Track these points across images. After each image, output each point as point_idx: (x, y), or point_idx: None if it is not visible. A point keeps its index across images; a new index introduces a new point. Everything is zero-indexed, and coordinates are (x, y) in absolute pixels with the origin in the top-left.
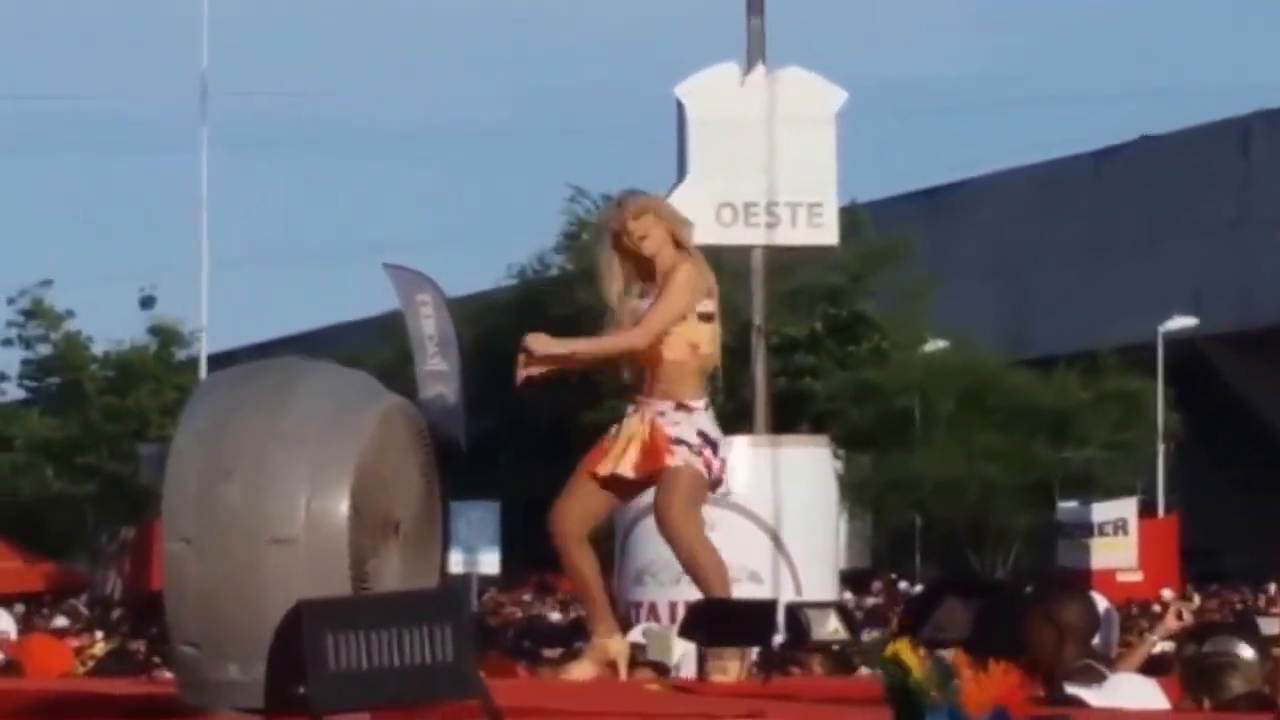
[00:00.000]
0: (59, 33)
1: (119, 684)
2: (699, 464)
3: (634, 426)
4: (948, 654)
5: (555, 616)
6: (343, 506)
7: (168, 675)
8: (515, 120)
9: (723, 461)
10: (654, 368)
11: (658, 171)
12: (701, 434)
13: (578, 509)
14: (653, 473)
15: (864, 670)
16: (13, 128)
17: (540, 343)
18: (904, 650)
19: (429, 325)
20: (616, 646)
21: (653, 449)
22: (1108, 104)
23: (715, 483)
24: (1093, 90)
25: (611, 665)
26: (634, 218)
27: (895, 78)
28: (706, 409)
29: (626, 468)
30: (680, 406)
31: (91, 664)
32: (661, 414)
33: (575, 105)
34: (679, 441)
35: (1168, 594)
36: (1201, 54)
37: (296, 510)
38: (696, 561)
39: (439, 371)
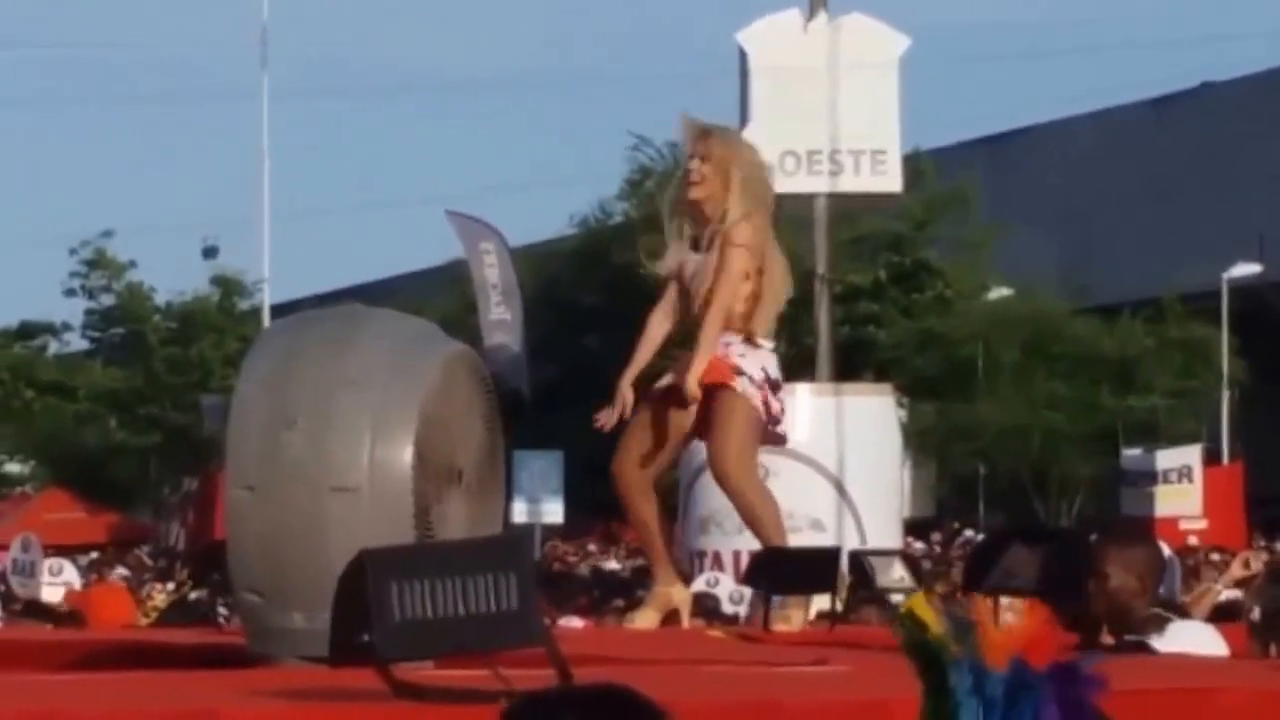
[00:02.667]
0: None
1: (182, 634)
2: (757, 399)
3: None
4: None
5: (618, 566)
6: (406, 454)
7: (231, 625)
8: (578, 67)
9: (783, 405)
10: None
11: (720, 118)
12: (765, 371)
13: (640, 456)
14: (713, 387)
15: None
16: (74, 78)
17: (696, 390)
18: (920, 605)
19: (492, 274)
20: (679, 595)
21: (714, 367)
22: (1169, 50)
23: (774, 421)
24: (1154, 36)
25: (674, 613)
26: (701, 157)
27: (958, 23)
28: (773, 352)
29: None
30: (748, 340)
31: (155, 615)
32: (728, 344)
33: (638, 51)
34: (740, 371)
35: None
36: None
37: (360, 458)
38: (750, 505)
39: (502, 321)
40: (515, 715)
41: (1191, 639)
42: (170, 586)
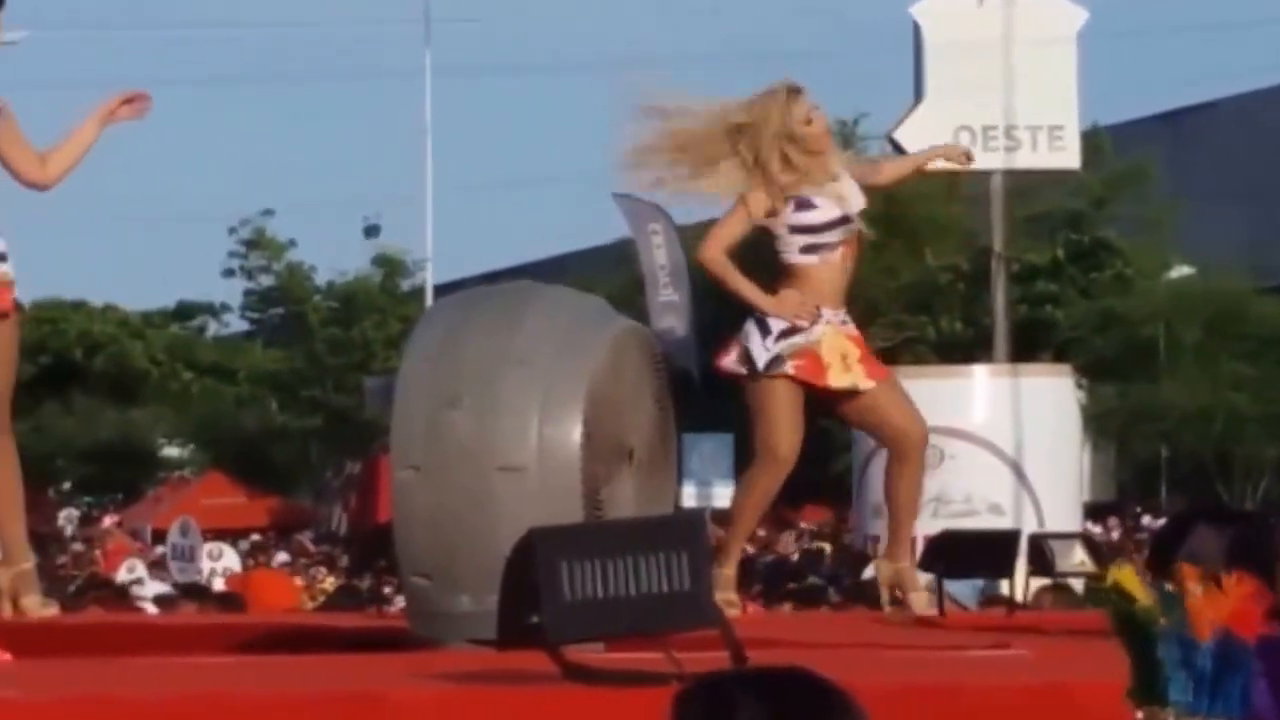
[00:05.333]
0: None
1: (347, 617)
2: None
3: (833, 339)
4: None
5: (789, 552)
6: (575, 432)
7: (397, 609)
8: (748, 44)
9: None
10: (848, 270)
11: (893, 95)
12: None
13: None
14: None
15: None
16: (233, 55)
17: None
18: (1127, 577)
19: (660, 255)
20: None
21: (869, 357)
22: None
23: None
24: None
25: None
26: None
27: None
28: None
29: (861, 379)
30: (849, 313)
31: (321, 599)
32: (844, 322)
33: (809, 27)
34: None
35: None
36: None
37: (527, 437)
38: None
39: (671, 302)
40: (690, 698)
41: None
42: (327, 572)
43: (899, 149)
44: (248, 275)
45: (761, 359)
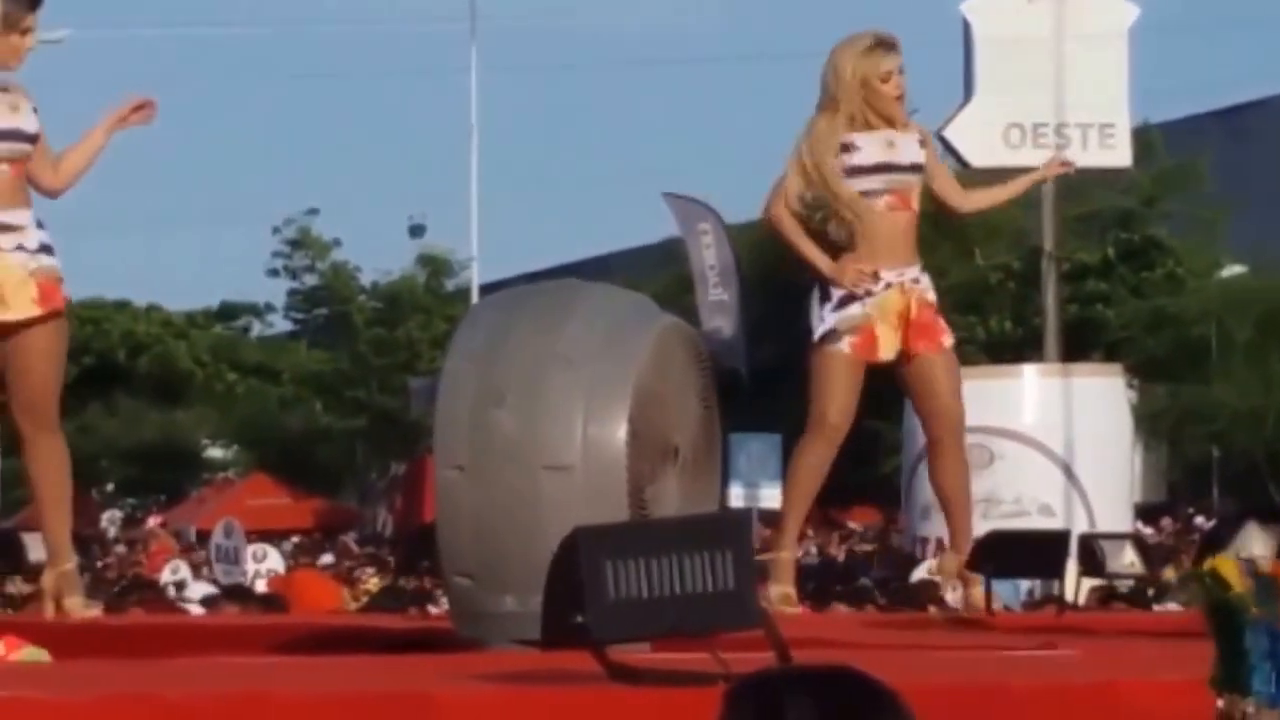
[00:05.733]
0: None
1: (390, 619)
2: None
3: (893, 302)
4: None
5: (837, 554)
6: (620, 431)
7: (440, 610)
8: (794, 40)
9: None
10: (910, 228)
11: (942, 91)
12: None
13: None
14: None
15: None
16: (277, 53)
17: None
18: (1225, 565)
19: (710, 255)
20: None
21: (932, 324)
22: None
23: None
24: None
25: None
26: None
27: None
28: None
29: (911, 345)
30: (924, 269)
31: (365, 600)
32: (916, 281)
33: (856, 22)
34: (939, 312)
35: None
36: None
37: (573, 436)
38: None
39: (720, 302)
40: (738, 697)
41: None
42: (372, 572)
43: (948, 146)
44: (292, 275)
45: (818, 329)
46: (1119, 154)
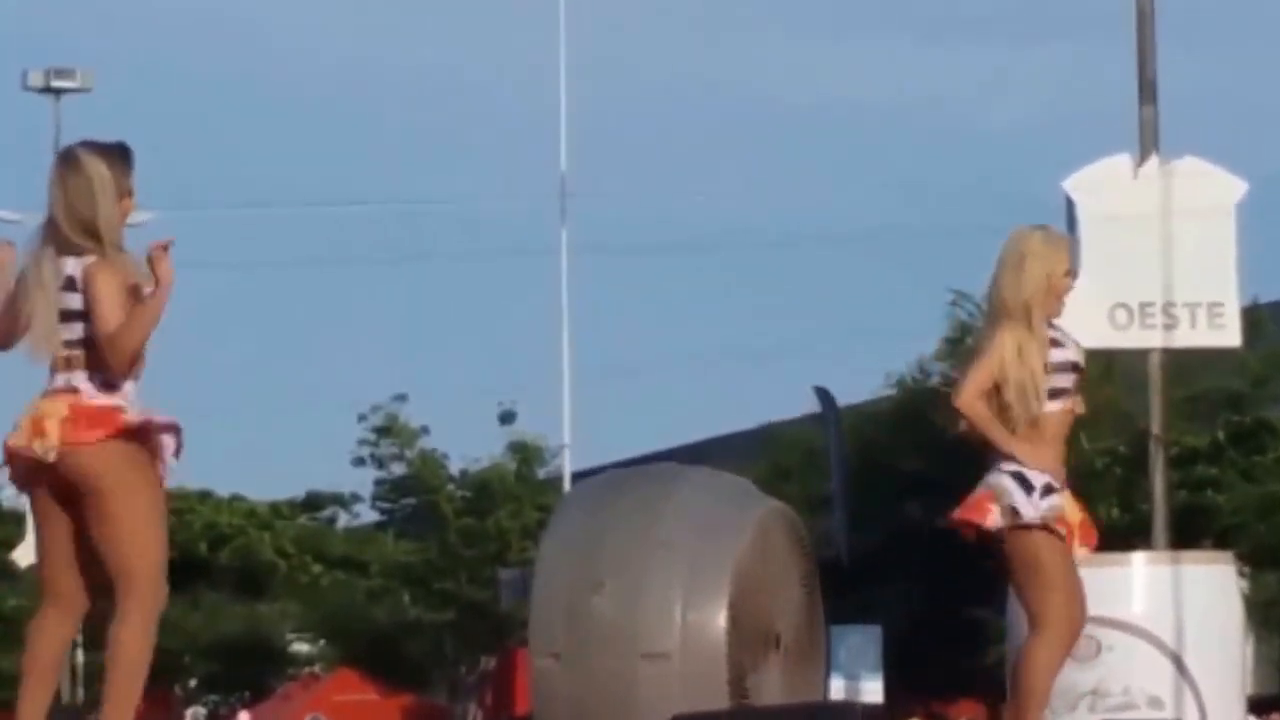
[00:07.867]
0: (412, 134)
1: None
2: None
3: (1070, 501)
4: None
5: None
6: (720, 618)
7: None
8: (893, 220)
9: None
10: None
11: None
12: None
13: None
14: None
15: None
16: (364, 235)
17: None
18: None
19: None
20: None
21: (1088, 526)
22: None
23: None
24: None
25: None
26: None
27: None
28: None
29: (1080, 547)
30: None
31: None
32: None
33: (955, 204)
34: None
35: None
36: None
37: (671, 622)
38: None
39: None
40: None
41: None
42: None
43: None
44: (379, 464)
45: (1031, 514)
46: (1229, 334)
